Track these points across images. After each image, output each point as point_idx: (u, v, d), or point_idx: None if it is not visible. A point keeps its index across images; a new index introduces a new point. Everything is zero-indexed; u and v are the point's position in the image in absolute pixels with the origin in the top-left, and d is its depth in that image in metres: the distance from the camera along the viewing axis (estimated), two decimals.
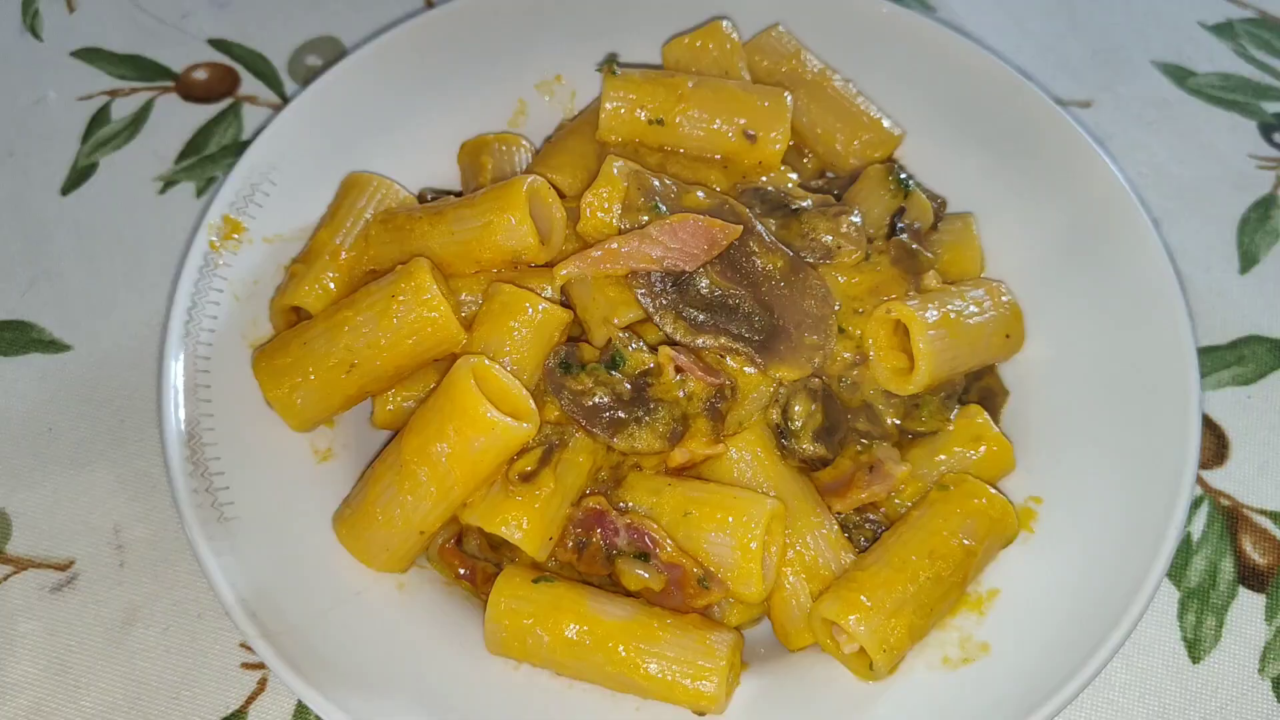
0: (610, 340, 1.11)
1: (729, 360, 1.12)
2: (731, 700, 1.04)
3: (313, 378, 1.13)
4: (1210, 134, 1.57)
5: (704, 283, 1.13)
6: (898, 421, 1.17)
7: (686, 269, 1.12)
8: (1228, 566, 1.23)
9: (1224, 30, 1.67)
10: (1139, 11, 1.70)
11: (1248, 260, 1.45)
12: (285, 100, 1.57)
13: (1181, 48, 1.66)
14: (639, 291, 1.12)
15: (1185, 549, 1.24)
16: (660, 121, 1.24)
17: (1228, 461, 1.30)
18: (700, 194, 1.17)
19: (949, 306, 1.16)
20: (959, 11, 1.68)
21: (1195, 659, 1.18)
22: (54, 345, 1.37)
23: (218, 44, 1.63)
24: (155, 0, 1.68)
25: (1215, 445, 1.31)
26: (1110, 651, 1.02)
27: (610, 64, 1.26)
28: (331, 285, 1.20)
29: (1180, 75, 1.63)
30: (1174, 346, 1.18)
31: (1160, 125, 1.58)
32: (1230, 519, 1.26)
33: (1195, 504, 1.26)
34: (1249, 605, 1.21)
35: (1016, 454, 1.18)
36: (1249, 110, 1.58)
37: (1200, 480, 1.28)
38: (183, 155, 1.52)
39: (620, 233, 1.14)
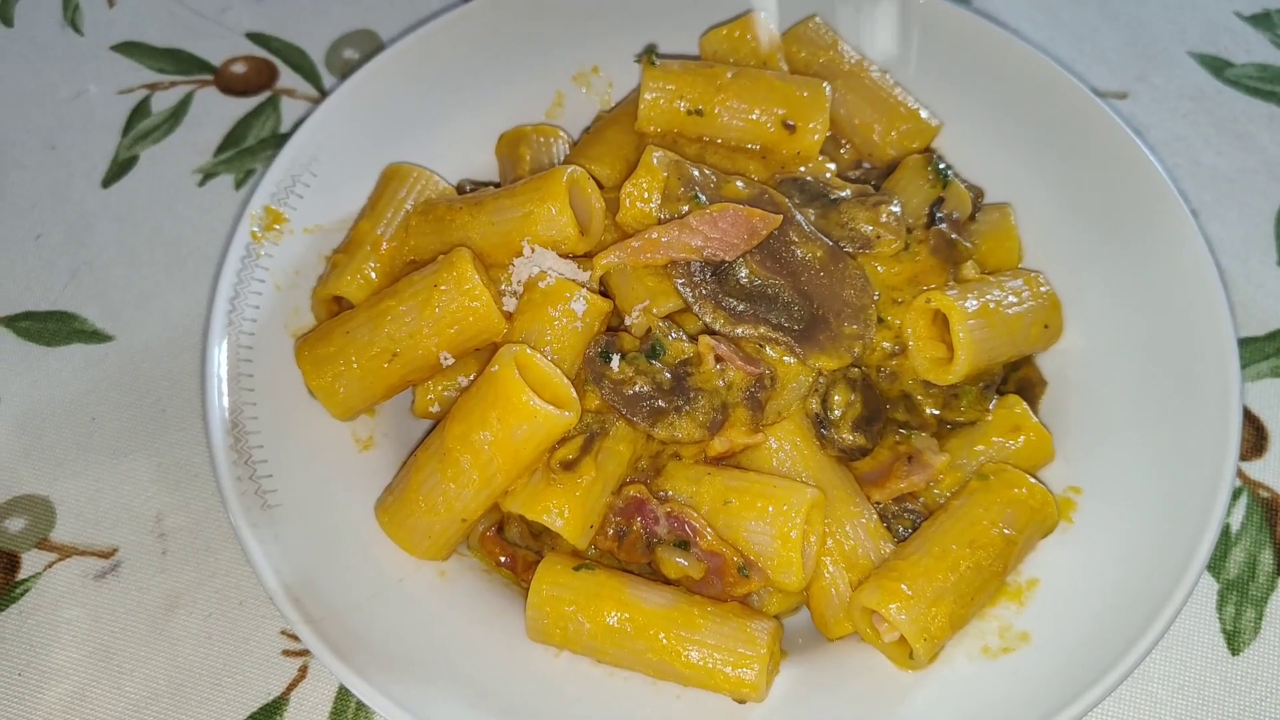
0: (650, 329, 1.12)
1: (768, 350, 1.13)
2: (771, 688, 1.05)
3: (355, 366, 1.14)
4: (1247, 125, 1.56)
5: (743, 272, 1.13)
6: (936, 411, 1.17)
7: (726, 259, 1.13)
8: (1267, 558, 1.22)
9: (1261, 20, 1.66)
10: (1175, 2, 1.69)
11: None
12: (323, 93, 1.58)
13: (1218, 38, 1.65)
14: (678, 281, 1.12)
15: (1224, 541, 1.23)
16: (699, 112, 1.24)
17: (1267, 453, 1.29)
18: (740, 184, 1.17)
19: (988, 296, 1.16)
20: (995, 3, 1.68)
21: (1235, 651, 1.17)
22: (96, 336, 1.38)
23: (256, 38, 1.64)
24: None
25: (1254, 437, 1.30)
26: (1150, 643, 1.02)
27: (649, 55, 1.26)
28: (373, 275, 1.22)
29: (1217, 66, 1.62)
30: (1214, 337, 1.17)
31: (1197, 116, 1.57)
32: (1269, 511, 1.25)
33: (1234, 496, 1.26)
34: None
35: (1055, 444, 1.18)
36: None
37: (1239, 472, 1.28)
38: (222, 148, 1.54)
39: (660, 222, 1.15)
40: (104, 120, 1.57)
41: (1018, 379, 1.24)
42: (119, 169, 1.52)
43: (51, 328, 1.39)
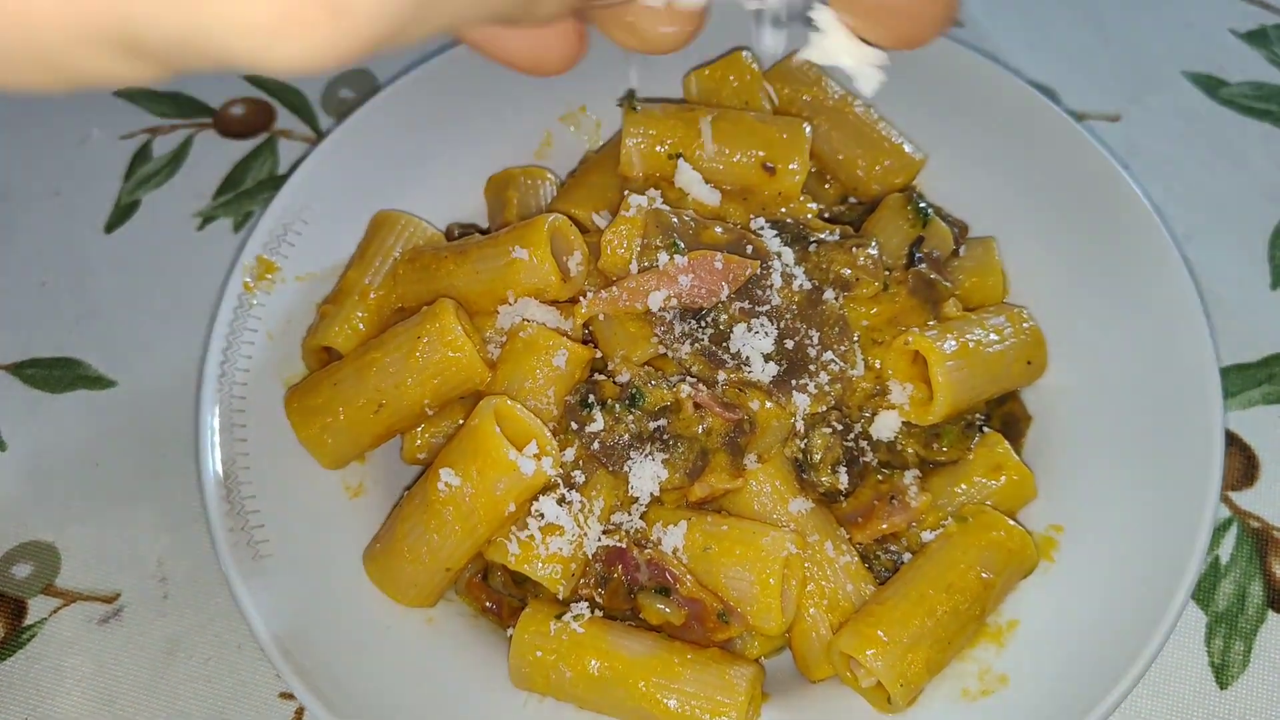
0: (630, 377, 1.13)
1: (747, 394, 1.14)
2: None
3: (342, 417, 1.16)
4: (1242, 145, 1.55)
5: (722, 318, 1.14)
6: (918, 451, 1.18)
7: (704, 305, 1.14)
8: (1257, 590, 1.22)
9: (1257, 37, 1.65)
10: (1169, 21, 1.68)
11: (1279, 275, 1.43)
12: (319, 134, 1.60)
13: (1213, 57, 1.64)
14: (658, 329, 1.14)
15: (1213, 572, 1.23)
16: (680, 156, 1.25)
17: (1258, 482, 1.29)
18: (718, 229, 1.18)
19: (968, 336, 1.17)
20: (986, 26, 1.68)
21: (1223, 685, 1.17)
22: (99, 381, 1.41)
23: (253, 79, 1.67)
24: None
25: (1244, 466, 1.30)
26: (1130, 683, 1.03)
27: (630, 100, 1.28)
28: (361, 326, 1.24)
29: (1212, 85, 1.61)
30: (1196, 369, 1.17)
31: (1191, 137, 1.56)
32: (1260, 541, 1.25)
33: (1224, 526, 1.26)
34: (1278, 630, 1.20)
35: (1039, 480, 1.18)
36: None
37: (1229, 502, 1.27)
38: (220, 191, 1.56)
39: (640, 270, 1.16)
40: (107, 165, 1.60)
41: (1002, 414, 1.25)
42: (121, 214, 1.55)
43: (56, 374, 1.42)
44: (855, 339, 1.17)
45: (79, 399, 1.40)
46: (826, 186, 1.37)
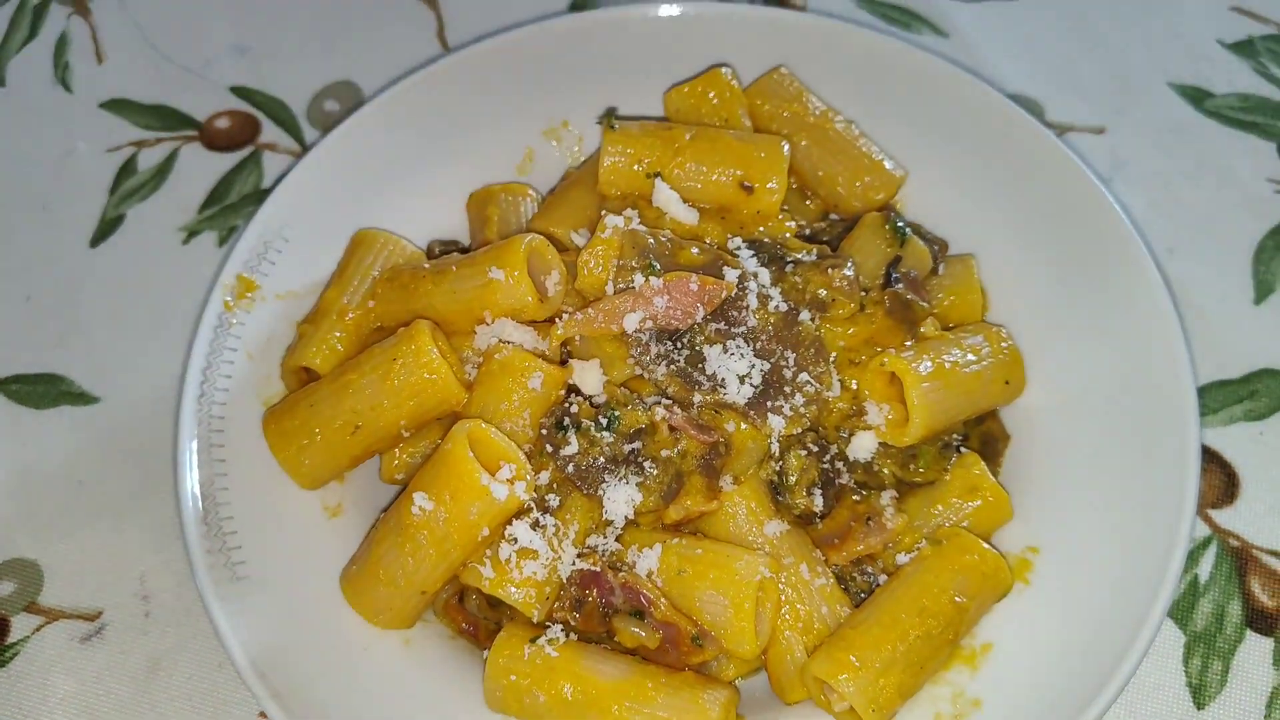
0: (606, 399, 1.13)
1: (723, 416, 1.14)
2: None
3: (319, 439, 1.16)
4: (1228, 158, 1.54)
5: (698, 339, 1.14)
6: (895, 472, 1.18)
7: (680, 327, 1.14)
8: (1235, 609, 1.22)
9: (1244, 48, 1.65)
10: (1156, 31, 1.67)
11: (1263, 289, 1.43)
12: (304, 147, 1.60)
13: (1199, 68, 1.63)
14: (634, 350, 1.14)
15: (1192, 591, 1.23)
16: (658, 175, 1.25)
17: (1237, 500, 1.29)
18: (695, 250, 1.18)
19: (945, 356, 1.17)
20: (972, 37, 1.67)
21: (1200, 705, 1.17)
22: (83, 398, 1.41)
23: (239, 91, 1.67)
24: (180, 48, 1.72)
25: (1225, 484, 1.30)
26: (1104, 706, 1.03)
27: (609, 118, 1.28)
28: (339, 346, 1.24)
29: (1198, 97, 1.60)
30: (1174, 390, 1.17)
31: (1176, 150, 1.55)
32: (1239, 560, 1.25)
33: (1203, 545, 1.26)
34: (1256, 649, 1.20)
35: (1017, 501, 1.18)
36: (1268, 132, 1.56)
37: (1209, 520, 1.27)
38: (205, 204, 1.56)
39: (616, 291, 1.16)
40: (93, 179, 1.60)
41: (981, 433, 1.25)
42: (106, 228, 1.55)
43: (40, 390, 1.42)
44: (831, 360, 1.17)
45: (62, 415, 1.41)
46: (808, 203, 1.37)
